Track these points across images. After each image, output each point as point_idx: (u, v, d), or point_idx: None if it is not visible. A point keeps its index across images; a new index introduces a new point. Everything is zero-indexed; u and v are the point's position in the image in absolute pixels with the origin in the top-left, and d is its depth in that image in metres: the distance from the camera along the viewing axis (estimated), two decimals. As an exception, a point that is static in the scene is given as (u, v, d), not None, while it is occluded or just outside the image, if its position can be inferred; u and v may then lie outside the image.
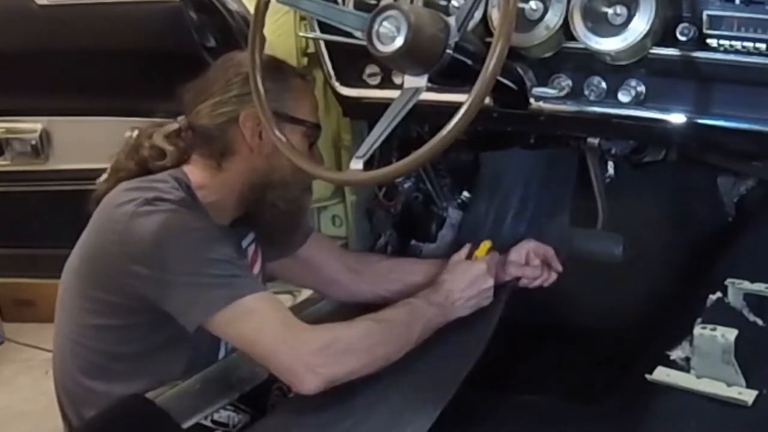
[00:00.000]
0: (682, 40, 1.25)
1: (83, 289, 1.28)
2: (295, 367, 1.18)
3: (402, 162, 1.17)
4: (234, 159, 1.33)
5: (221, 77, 1.32)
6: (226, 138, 1.31)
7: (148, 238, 1.18)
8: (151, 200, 1.21)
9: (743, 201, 1.80)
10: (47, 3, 1.65)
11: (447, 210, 1.95)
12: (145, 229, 1.19)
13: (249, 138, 1.30)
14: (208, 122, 1.31)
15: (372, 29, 1.18)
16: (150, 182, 1.27)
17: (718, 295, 1.36)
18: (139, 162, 1.32)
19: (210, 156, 1.32)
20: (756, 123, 1.26)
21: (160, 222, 1.19)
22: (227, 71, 1.32)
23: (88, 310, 1.27)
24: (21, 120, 1.81)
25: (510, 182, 1.88)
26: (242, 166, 1.33)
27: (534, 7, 1.29)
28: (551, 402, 1.48)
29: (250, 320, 1.18)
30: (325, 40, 1.57)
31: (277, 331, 1.19)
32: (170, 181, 1.28)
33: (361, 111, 1.63)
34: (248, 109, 1.28)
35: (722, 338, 1.16)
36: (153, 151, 1.32)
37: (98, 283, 1.25)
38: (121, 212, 1.21)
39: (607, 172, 1.66)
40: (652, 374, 1.23)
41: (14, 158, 1.85)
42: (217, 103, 1.30)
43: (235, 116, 1.30)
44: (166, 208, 1.21)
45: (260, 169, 1.33)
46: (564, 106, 1.37)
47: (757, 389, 1.15)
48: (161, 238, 1.18)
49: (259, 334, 1.18)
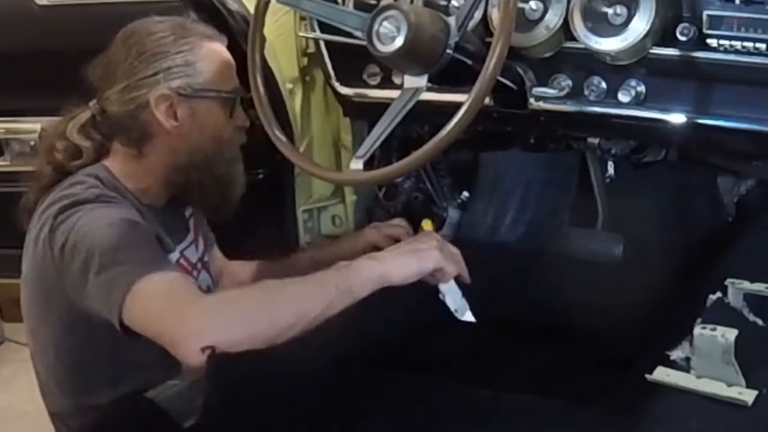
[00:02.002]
0: (682, 40, 1.25)
1: (39, 314, 1.25)
2: (178, 333, 1.03)
3: (402, 162, 1.17)
4: (153, 143, 1.27)
5: (123, 59, 1.25)
6: (140, 123, 1.25)
7: (68, 242, 1.13)
8: (66, 207, 1.16)
9: (743, 201, 1.80)
10: (47, 3, 1.65)
11: (447, 210, 1.96)
12: (63, 237, 1.14)
13: (164, 120, 1.24)
14: (118, 109, 1.25)
15: (372, 29, 1.18)
16: (64, 189, 1.21)
17: (718, 295, 1.36)
18: (56, 167, 1.27)
19: (128, 144, 1.27)
20: (756, 123, 1.26)
21: (74, 225, 1.14)
22: (129, 51, 1.24)
23: (50, 330, 1.24)
24: (21, 120, 1.80)
25: (510, 184, 1.89)
26: (162, 150, 1.27)
27: (534, 7, 1.29)
28: (551, 402, 1.48)
29: (147, 299, 1.07)
30: (325, 40, 1.57)
31: (166, 302, 1.07)
32: (86, 181, 1.22)
33: (361, 111, 1.63)
34: (157, 91, 1.23)
35: (722, 338, 1.16)
36: (68, 153, 1.27)
37: (47, 304, 1.22)
38: (42, 233, 1.17)
39: (607, 172, 1.66)
40: (652, 374, 1.23)
41: (14, 158, 1.84)
42: (124, 89, 1.24)
43: (144, 101, 1.24)
44: (81, 210, 1.16)
45: (181, 149, 1.27)
46: (564, 106, 1.37)
47: (757, 389, 1.15)
48: (77, 239, 1.12)
49: (150, 311, 1.07)
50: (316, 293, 1.10)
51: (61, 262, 1.14)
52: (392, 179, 1.67)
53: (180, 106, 1.25)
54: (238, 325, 1.04)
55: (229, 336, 1.03)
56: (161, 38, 1.24)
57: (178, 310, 1.05)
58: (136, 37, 1.26)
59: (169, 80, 1.24)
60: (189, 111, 1.26)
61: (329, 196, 1.93)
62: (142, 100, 1.24)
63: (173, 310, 1.05)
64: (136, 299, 1.06)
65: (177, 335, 1.03)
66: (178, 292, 1.07)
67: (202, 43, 1.28)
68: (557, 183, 1.80)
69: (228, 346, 1.03)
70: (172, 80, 1.24)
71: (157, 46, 1.24)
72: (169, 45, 1.24)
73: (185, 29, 1.28)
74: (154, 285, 1.07)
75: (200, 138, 1.27)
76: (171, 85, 1.24)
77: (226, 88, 1.30)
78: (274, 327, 1.06)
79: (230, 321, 1.04)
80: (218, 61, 1.30)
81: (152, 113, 1.24)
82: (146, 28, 1.25)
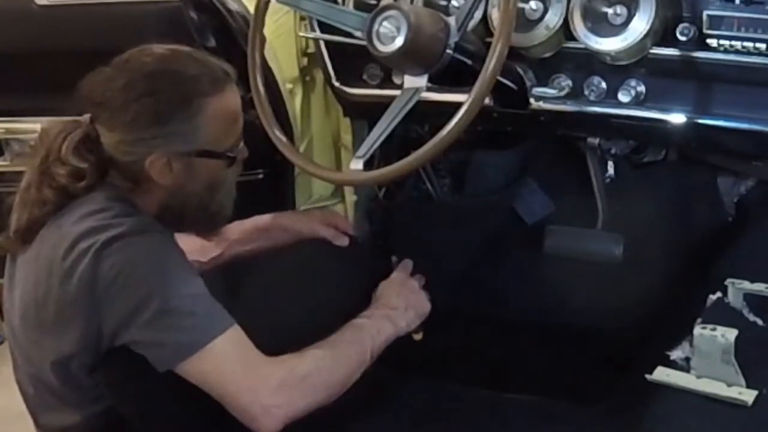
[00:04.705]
0: (682, 40, 1.25)
1: (32, 335, 1.20)
2: (252, 411, 1.13)
3: (402, 162, 1.17)
4: (148, 186, 1.22)
5: (122, 106, 1.17)
6: (137, 169, 1.20)
7: (118, 280, 1.11)
8: (109, 242, 1.13)
9: (743, 201, 1.80)
10: (47, 3, 1.65)
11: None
12: (112, 272, 1.11)
13: (158, 178, 1.19)
14: (113, 153, 1.19)
15: (372, 29, 1.18)
16: (97, 220, 1.16)
17: (718, 295, 1.36)
18: (61, 190, 1.20)
19: (125, 177, 1.22)
20: (756, 123, 1.26)
21: (126, 261, 1.12)
22: (128, 102, 1.16)
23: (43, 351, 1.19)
24: (21, 120, 1.80)
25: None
26: (156, 193, 1.23)
27: (534, 7, 1.29)
28: (551, 402, 1.48)
29: (213, 364, 1.12)
30: (325, 40, 1.57)
31: (236, 374, 1.13)
32: (112, 207, 1.18)
33: (361, 111, 1.63)
34: (155, 155, 1.17)
35: (722, 338, 1.16)
36: (70, 177, 1.19)
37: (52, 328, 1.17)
38: (81, 267, 1.12)
39: (607, 172, 1.66)
40: (652, 374, 1.23)
41: (14, 158, 1.84)
42: (120, 142, 1.18)
43: (140, 158, 1.18)
44: (128, 244, 1.13)
45: (175, 194, 1.24)
46: (564, 106, 1.37)
47: (757, 389, 1.15)
48: (129, 277, 1.11)
49: (219, 379, 1.13)
50: (359, 361, 1.25)
51: (105, 299, 1.12)
52: (392, 179, 1.67)
53: (176, 162, 1.19)
54: (310, 398, 1.17)
55: (301, 410, 1.15)
56: (163, 101, 1.16)
57: (249, 386, 1.13)
58: (136, 89, 1.16)
59: (169, 145, 1.18)
60: (185, 167, 1.21)
61: (329, 196, 1.93)
62: (138, 157, 1.18)
63: (245, 384, 1.13)
64: (204, 359, 1.11)
65: (252, 413, 1.13)
66: (248, 359, 1.15)
67: (207, 103, 1.19)
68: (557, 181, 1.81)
69: (298, 415, 1.15)
70: (171, 145, 1.18)
71: (157, 111, 1.16)
72: (171, 111, 1.17)
73: (190, 86, 1.18)
74: (224, 346, 1.13)
75: (196, 187, 1.24)
76: (170, 149, 1.18)
77: (229, 142, 1.24)
78: (334, 393, 1.20)
79: (304, 397, 1.16)
80: (222, 118, 1.22)
81: (148, 168, 1.19)
82: (147, 82, 1.17)
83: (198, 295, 1.16)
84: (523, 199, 1.93)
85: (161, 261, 1.15)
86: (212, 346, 1.12)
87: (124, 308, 1.11)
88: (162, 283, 1.13)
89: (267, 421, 1.13)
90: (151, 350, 1.12)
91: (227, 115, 1.23)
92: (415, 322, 1.39)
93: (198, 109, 1.18)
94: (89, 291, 1.12)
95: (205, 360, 1.12)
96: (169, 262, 1.16)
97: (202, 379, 1.13)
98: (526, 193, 1.93)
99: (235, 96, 1.24)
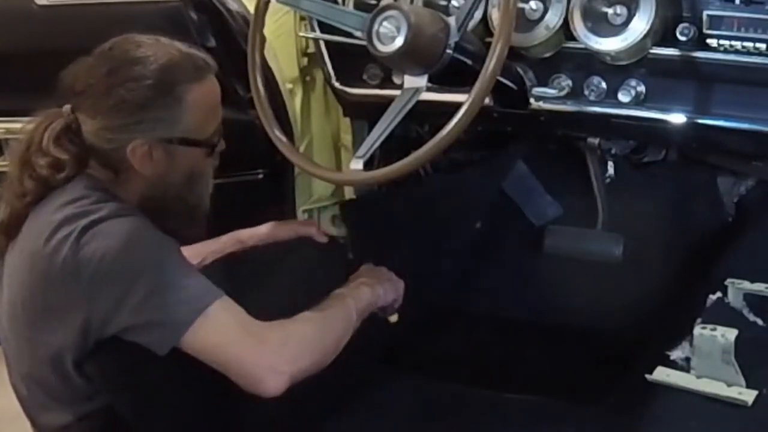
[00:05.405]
0: (682, 40, 1.25)
1: (24, 332, 1.20)
2: (258, 371, 1.13)
3: (402, 162, 1.17)
4: (128, 175, 1.23)
5: (104, 93, 1.18)
6: (118, 157, 1.21)
7: (103, 266, 1.11)
8: (88, 227, 1.13)
9: (743, 201, 1.80)
10: (47, 3, 1.65)
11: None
12: (95, 258, 1.11)
13: (139, 167, 1.20)
14: (94, 140, 1.21)
15: (372, 29, 1.18)
16: (75, 207, 1.16)
17: (718, 295, 1.36)
18: (41, 181, 1.21)
19: (104, 167, 1.23)
20: (756, 123, 1.26)
21: (107, 247, 1.11)
22: (110, 88, 1.18)
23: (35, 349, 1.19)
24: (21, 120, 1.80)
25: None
26: (137, 181, 1.24)
27: (534, 7, 1.29)
28: (551, 402, 1.48)
29: (213, 332, 1.13)
30: (325, 40, 1.57)
31: (237, 337, 1.14)
32: (91, 195, 1.18)
33: (361, 111, 1.63)
34: (136, 141, 1.18)
35: (722, 338, 1.16)
36: (52, 167, 1.20)
37: (43, 323, 1.17)
38: (62, 255, 1.12)
39: (607, 172, 1.66)
40: (652, 374, 1.23)
41: (14, 158, 1.84)
42: (102, 129, 1.20)
43: (121, 146, 1.20)
44: (107, 228, 1.13)
45: (156, 183, 1.24)
46: (564, 106, 1.37)
47: (757, 389, 1.15)
48: (113, 262, 1.11)
49: (221, 345, 1.13)
50: (347, 321, 1.26)
51: (92, 287, 1.11)
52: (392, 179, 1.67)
53: (157, 149, 1.20)
54: (308, 359, 1.18)
55: (303, 371, 1.16)
56: (146, 87, 1.17)
57: (251, 348, 1.14)
58: (120, 75, 1.18)
59: (150, 131, 1.19)
60: (166, 154, 1.22)
61: (329, 196, 1.93)
62: (119, 144, 1.19)
63: (247, 346, 1.14)
64: (205, 326, 1.12)
65: (257, 373, 1.13)
66: (246, 322, 1.16)
67: (189, 91, 1.21)
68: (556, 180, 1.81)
69: (299, 376, 1.15)
70: (153, 131, 1.19)
71: (141, 96, 1.17)
72: (154, 97, 1.18)
73: (172, 73, 1.20)
74: (220, 311, 1.13)
75: (175, 177, 1.24)
76: (151, 135, 1.19)
77: (209, 131, 1.26)
78: (327, 355, 1.21)
79: (303, 356, 1.17)
80: (203, 107, 1.23)
81: (129, 156, 1.20)
82: (131, 68, 1.18)
83: (183, 268, 1.16)
84: (532, 201, 1.93)
85: (143, 241, 1.15)
86: (208, 313, 1.12)
87: (112, 295, 1.11)
88: (146, 264, 1.13)
89: (273, 380, 1.13)
90: (148, 333, 1.11)
91: (208, 104, 1.25)
92: (390, 293, 1.39)
93: (180, 96, 1.20)
94: (74, 279, 1.12)
95: (204, 328, 1.12)
96: (151, 242, 1.16)
97: (204, 348, 1.13)
98: (535, 196, 1.93)
99: (216, 86, 1.26)
